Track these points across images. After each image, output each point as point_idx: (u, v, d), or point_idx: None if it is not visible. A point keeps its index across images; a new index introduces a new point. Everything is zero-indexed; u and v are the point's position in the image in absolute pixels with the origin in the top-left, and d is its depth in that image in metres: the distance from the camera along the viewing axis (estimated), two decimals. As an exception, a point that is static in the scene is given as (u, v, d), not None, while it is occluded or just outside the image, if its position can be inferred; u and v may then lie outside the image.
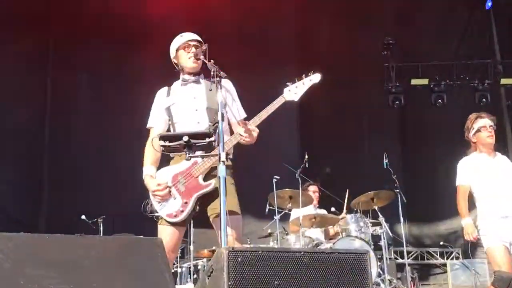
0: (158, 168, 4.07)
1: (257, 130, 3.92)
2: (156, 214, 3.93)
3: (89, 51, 9.59)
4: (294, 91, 4.02)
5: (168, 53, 4.31)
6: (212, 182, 3.86)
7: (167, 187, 3.89)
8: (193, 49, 4.11)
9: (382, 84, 10.53)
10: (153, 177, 3.98)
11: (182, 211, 3.86)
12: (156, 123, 4.16)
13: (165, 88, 4.24)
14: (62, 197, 9.06)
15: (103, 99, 9.75)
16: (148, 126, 4.22)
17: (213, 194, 3.86)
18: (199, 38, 4.20)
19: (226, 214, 3.32)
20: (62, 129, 9.56)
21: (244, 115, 4.21)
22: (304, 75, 4.06)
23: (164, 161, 4.09)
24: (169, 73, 4.31)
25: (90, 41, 9.58)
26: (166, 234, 3.89)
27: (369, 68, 10.48)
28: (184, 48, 4.17)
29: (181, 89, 4.21)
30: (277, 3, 10.31)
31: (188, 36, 4.21)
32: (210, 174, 3.91)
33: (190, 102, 4.11)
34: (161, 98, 4.19)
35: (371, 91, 10.72)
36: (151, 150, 4.02)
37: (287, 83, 4.03)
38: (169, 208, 3.89)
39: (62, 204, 8.96)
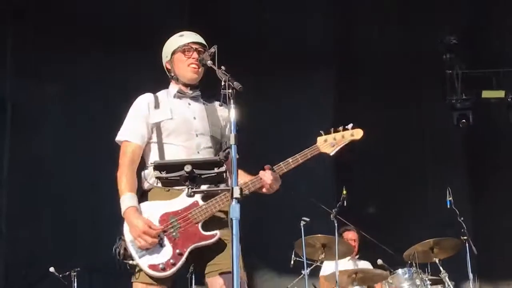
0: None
1: (280, 181, 4.00)
2: (131, 263, 3.85)
3: (60, 56, 9.64)
4: (330, 143, 4.12)
5: (159, 57, 4.34)
6: (217, 234, 3.87)
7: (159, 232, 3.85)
8: (195, 55, 4.13)
9: (444, 98, 10.49)
10: (139, 211, 3.92)
11: (174, 264, 3.83)
12: (136, 136, 4.12)
13: (151, 95, 4.24)
14: (24, 242, 9.05)
15: (77, 116, 9.78)
16: (121, 138, 4.16)
17: (212, 247, 3.88)
18: (203, 42, 4.23)
19: (231, 273, 3.24)
20: (24, 154, 9.59)
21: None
22: (342, 127, 4.16)
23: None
24: (162, 85, 4.35)
25: (61, 45, 9.63)
26: None
27: (427, 77, 10.47)
28: (183, 52, 4.18)
29: (176, 103, 4.22)
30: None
31: (190, 37, 4.23)
32: (211, 221, 3.92)
33: (189, 122, 4.14)
34: (147, 107, 4.17)
35: (429, 107, 10.69)
36: (132, 174, 4.01)
37: (321, 132, 4.14)
38: (154, 257, 3.84)
39: (24, 251, 8.95)
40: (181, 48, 4.19)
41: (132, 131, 4.14)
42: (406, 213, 9.93)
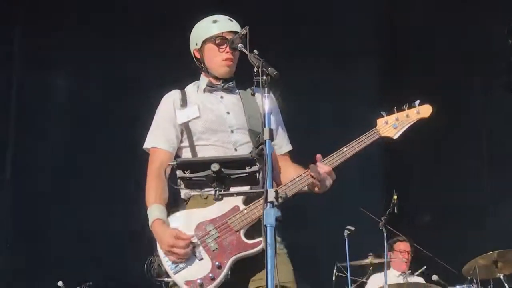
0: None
1: (334, 176, 3.90)
2: (167, 280, 3.85)
3: (69, 45, 9.70)
4: (392, 125, 4.05)
5: (186, 44, 4.29)
6: (262, 242, 3.77)
7: (191, 243, 3.81)
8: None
9: (509, 89, 10.36)
10: (166, 223, 3.91)
11: (213, 279, 3.76)
12: (164, 142, 4.12)
13: (178, 92, 4.24)
14: (29, 250, 9.11)
15: (87, 109, 9.83)
16: (149, 146, 4.19)
17: (257, 258, 3.78)
18: (239, 29, 4.13)
19: None
20: (29, 152, 9.65)
21: (290, 147, 4.24)
22: (406, 104, 4.08)
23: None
24: (181, 77, 4.31)
25: (70, 33, 9.71)
26: None
27: (488, 66, 10.34)
28: (215, 42, 4.12)
29: (205, 97, 4.20)
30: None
31: (224, 25, 4.16)
32: (254, 228, 3.85)
33: (222, 118, 4.11)
34: (173, 107, 4.16)
35: (491, 100, 10.56)
36: (160, 183, 3.99)
37: (382, 113, 4.06)
38: (191, 272, 3.79)
39: (30, 261, 9.00)
40: (213, 39, 4.13)
41: (159, 136, 4.16)
42: (465, 222, 9.81)
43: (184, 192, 4.02)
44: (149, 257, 3.90)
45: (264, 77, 3.45)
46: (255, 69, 3.51)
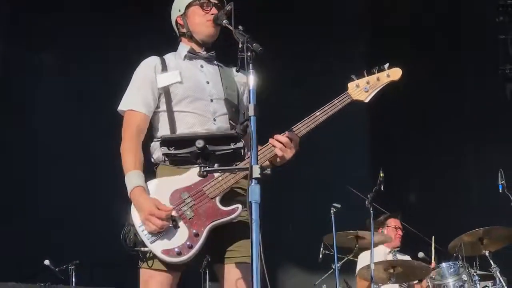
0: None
1: (297, 139, 3.87)
2: (143, 250, 3.78)
3: (58, 20, 9.66)
4: (363, 88, 4.01)
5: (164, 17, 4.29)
6: (239, 208, 3.79)
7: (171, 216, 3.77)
8: (214, 10, 4.08)
9: (496, 68, 10.40)
10: (146, 191, 3.86)
11: (191, 247, 3.74)
12: (142, 105, 4.06)
13: (156, 58, 4.20)
14: (15, 231, 9.08)
15: (76, 90, 9.80)
16: (125, 108, 4.11)
17: (234, 229, 3.82)
18: None
19: (260, 262, 3.21)
20: (15, 132, 9.61)
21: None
22: (376, 68, 4.05)
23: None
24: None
25: (61, 7, 9.66)
26: (157, 285, 3.80)
27: (475, 43, 10.36)
28: (201, 5, 4.13)
29: (186, 65, 4.19)
30: None
31: None
32: (229, 197, 3.85)
33: (202, 86, 4.10)
34: (154, 71, 4.11)
35: (478, 78, 10.59)
36: (137, 148, 3.96)
37: (352, 76, 4.03)
38: (167, 241, 3.76)
39: (15, 242, 8.98)
40: (198, 1, 4.14)
41: (136, 99, 4.08)
42: (450, 200, 9.86)
43: (154, 160, 4.02)
44: (124, 227, 3.83)
45: (249, 53, 3.44)
46: (240, 45, 3.51)
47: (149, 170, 4.02)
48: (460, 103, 10.69)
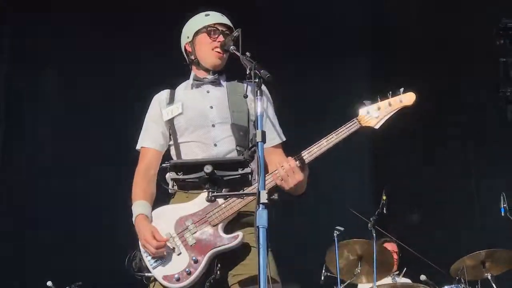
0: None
1: (307, 170, 3.91)
2: (148, 275, 3.89)
3: (63, 38, 9.68)
4: (374, 114, 3.99)
5: (178, 41, 4.33)
6: (239, 235, 3.85)
7: (168, 243, 3.87)
8: (221, 38, 4.13)
9: (497, 90, 10.38)
10: (148, 219, 3.98)
11: (190, 274, 3.82)
12: (150, 141, 4.22)
13: (166, 92, 4.31)
14: (17, 251, 9.09)
15: (81, 108, 9.80)
16: (138, 147, 4.29)
17: (237, 254, 3.86)
18: (231, 24, 4.22)
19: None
20: (19, 152, 9.63)
21: (283, 138, 4.24)
22: (390, 93, 4.04)
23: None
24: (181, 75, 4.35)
25: (63, 26, 9.68)
26: None
27: (476, 66, 10.37)
28: (208, 33, 4.19)
29: (192, 94, 4.25)
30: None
31: (216, 17, 4.25)
32: (233, 222, 3.91)
33: (204, 113, 4.15)
34: (159, 106, 4.23)
35: (479, 100, 10.59)
36: (145, 181, 4.10)
37: (364, 102, 4.02)
38: (168, 267, 3.86)
39: (16, 261, 8.98)
40: (205, 29, 4.20)
41: (145, 136, 4.27)
42: (452, 221, 9.84)
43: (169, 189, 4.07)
44: (131, 252, 3.96)
45: (257, 80, 3.49)
46: (247, 72, 3.56)
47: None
48: (461, 125, 10.70)
